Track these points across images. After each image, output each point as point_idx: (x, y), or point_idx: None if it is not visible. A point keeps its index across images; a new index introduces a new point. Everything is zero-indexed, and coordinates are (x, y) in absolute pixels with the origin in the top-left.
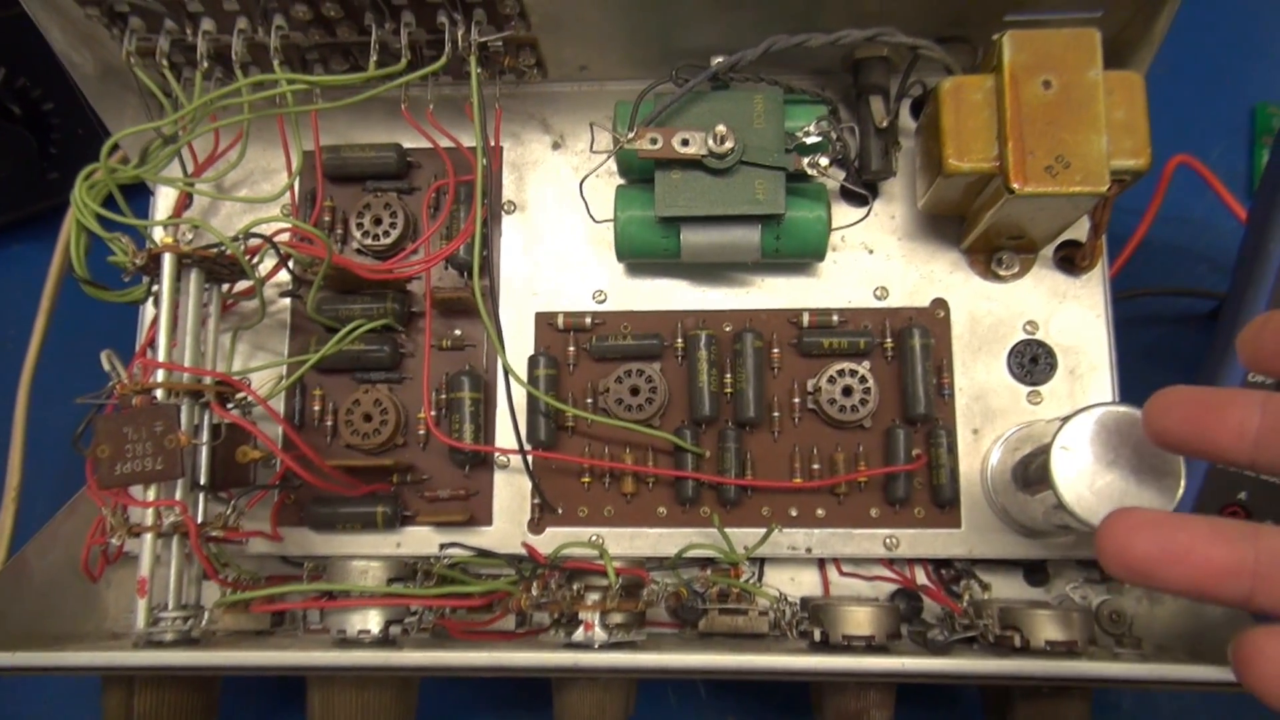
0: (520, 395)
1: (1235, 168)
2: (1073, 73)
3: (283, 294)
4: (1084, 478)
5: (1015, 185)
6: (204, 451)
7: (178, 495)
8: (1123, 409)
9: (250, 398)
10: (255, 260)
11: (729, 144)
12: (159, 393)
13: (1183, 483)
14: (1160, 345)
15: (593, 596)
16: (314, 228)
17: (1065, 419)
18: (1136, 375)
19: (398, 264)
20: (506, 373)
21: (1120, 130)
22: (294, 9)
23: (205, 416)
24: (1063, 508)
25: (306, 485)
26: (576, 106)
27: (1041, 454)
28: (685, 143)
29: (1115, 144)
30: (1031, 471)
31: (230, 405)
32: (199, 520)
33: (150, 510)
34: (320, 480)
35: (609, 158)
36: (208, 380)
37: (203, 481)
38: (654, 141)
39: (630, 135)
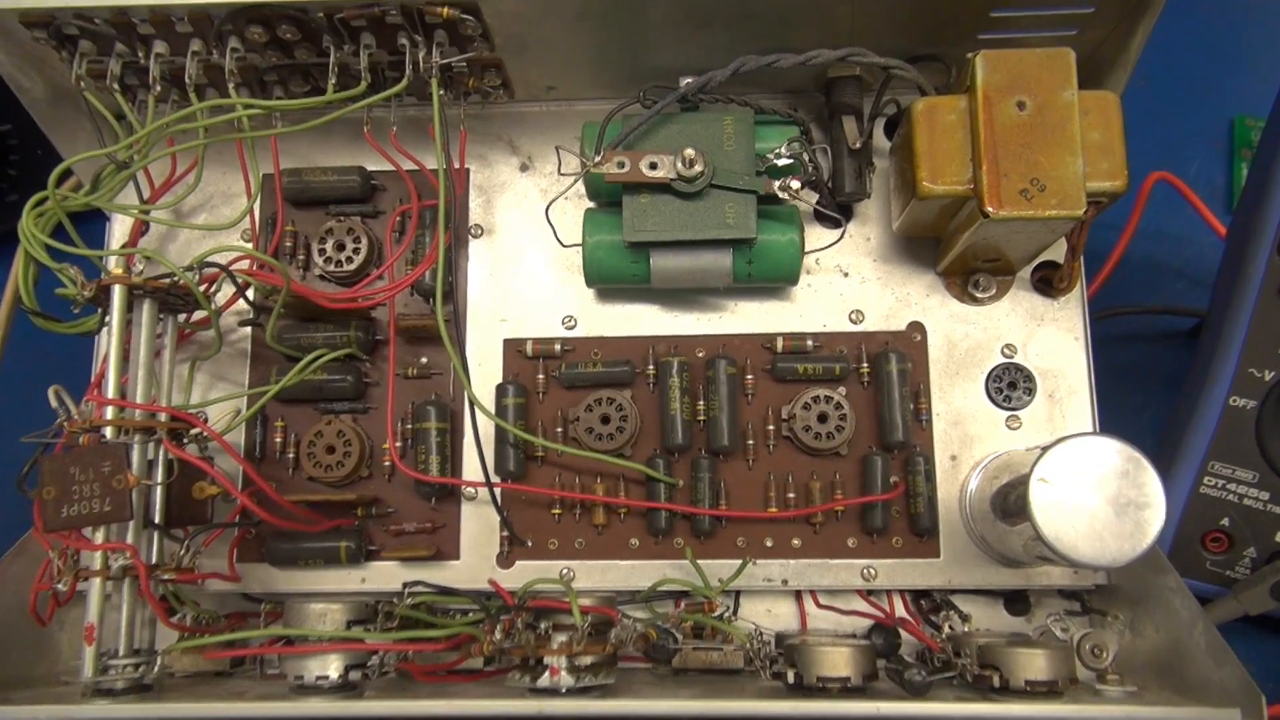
0: (488, 425)
1: (1214, 181)
2: (1047, 93)
3: (242, 322)
4: (1063, 510)
5: (990, 209)
6: (158, 489)
7: (129, 535)
8: (1101, 439)
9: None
10: (212, 289)
11: (698, 167)
12: (108, 430)
13: (1162, 515)
14: (1141, 363)
15: (560, 638)
16: (271, 256)
17: (1043, 450)
18: (1117, 394)
19: (359, 292)
20: (472, 405)
21: (1096, 151)
22: (249, 31)
23: (159, 453)
24: (1041, 541)
25: (266, 521)
26: (544, 127)
27: (1020, 485)
28: (653, 166)
29: (1091, 166)
30: (1010, 503)
31: (186, 439)
32: (152, 561)
33: (99, 554)
34: (279, 519)
35: (575, 182)
36: (161, 417)
37: (157, 520)
38: (621, 165)
39: (597, 159)
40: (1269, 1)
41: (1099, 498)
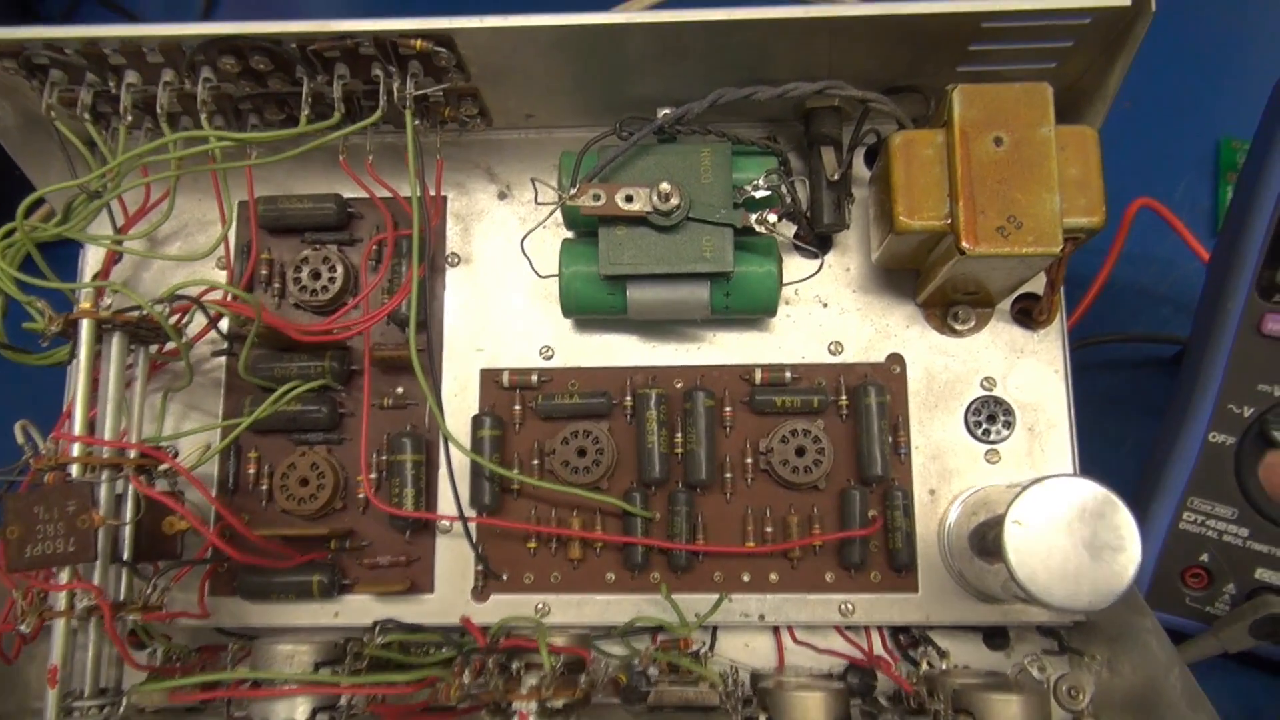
0: (463, 457)
1: (1200, 203)
2: (1024, 129)
3: (215, 353)
4: (1038, 553)
5: (966, 246)
6: (127, 525)
7: (96, 573)
8: (1076, 481)
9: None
10: (184, 320)
11: (674, 200)
12: (74, 468)
13: (1138, 560)
14: (1123, 391)
15: (530, 681)
16: (246, 285)
17: (1018, 492)
18: (1099, 423)
19: (333, 324)
20: (446, 440)
21: (1074, 187)
22: (221, 62)
23: (128, 488)
24: (1015, 583)
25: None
26: (523, 155)
27: (995, 526)
28: (629, 199)
29: (1069, 202)
30: (987, 542)
31: (156, 474)
32: (120, 597)
33: (63, 594)
34: (248, 556)
35: (550, 215)
36: (130, 453)
37: (126, 556)
38: (597, 198)
39: (572, 191)
40: (1257, 20)
41: (1074, 541)
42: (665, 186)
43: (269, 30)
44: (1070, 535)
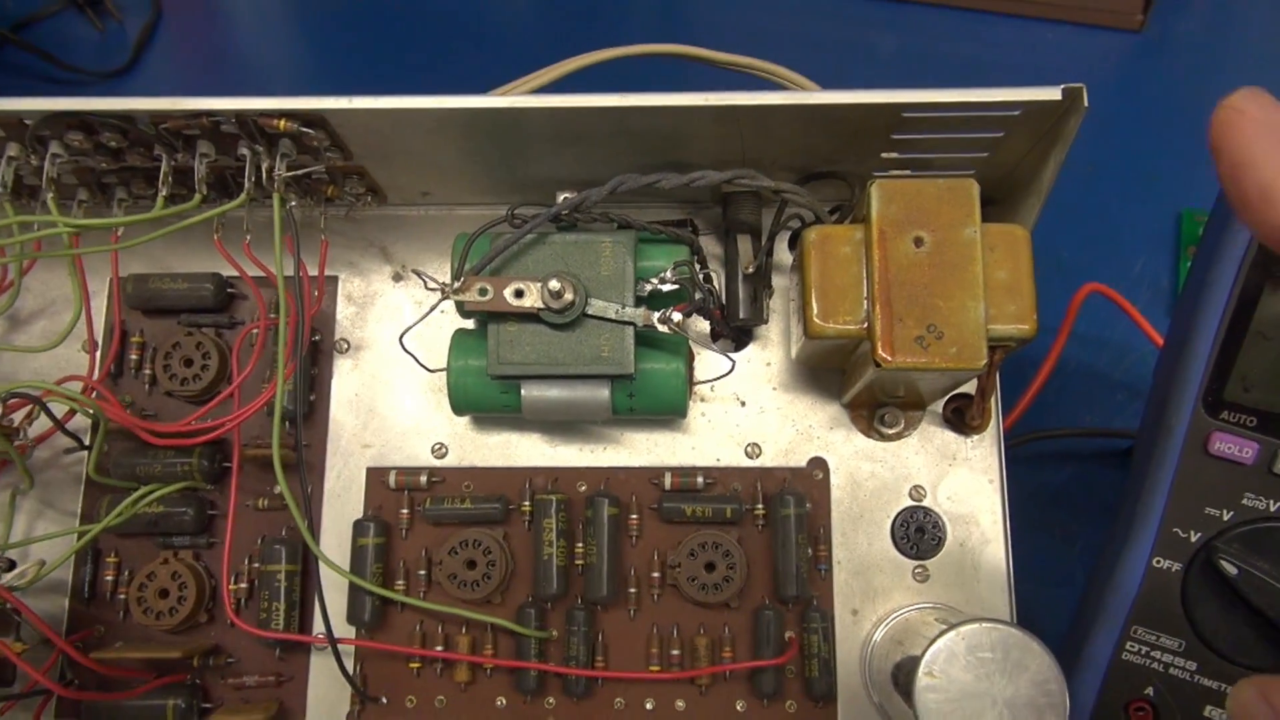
0: (344, 563)
1: (1160, 280)
2: (947, 229)
3: (68, 451)
4: (952, 713)
5: (883, 357)
6: None
7: None
8: (994, 628)
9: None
10: (32, 416)
11: (568, 296)
12: None
13: (1065, 717)
14: (1074, 486)
15: None
16: (110, 370)
17: (933, 638)
18: (1047, 521)
19: (190, 425)
20: (318, 560)
21: (1002, 292)
22: (68, 137)
23: None
24: None
25: (81, 677)
26: (422, 233)
27: (910, 669)
28: (519, 294)
29: (996, 308)
30: (905, 686)
31: None
32: None
33: None
34: (84, 693)
35: (430, 311)
36: None
37: None
38: (484, 292)
39: (456, 285)
40: (1222, 85)
41: (994, 698)
42: (555, 284)
43: (117, 107)
44: (989, 691)
